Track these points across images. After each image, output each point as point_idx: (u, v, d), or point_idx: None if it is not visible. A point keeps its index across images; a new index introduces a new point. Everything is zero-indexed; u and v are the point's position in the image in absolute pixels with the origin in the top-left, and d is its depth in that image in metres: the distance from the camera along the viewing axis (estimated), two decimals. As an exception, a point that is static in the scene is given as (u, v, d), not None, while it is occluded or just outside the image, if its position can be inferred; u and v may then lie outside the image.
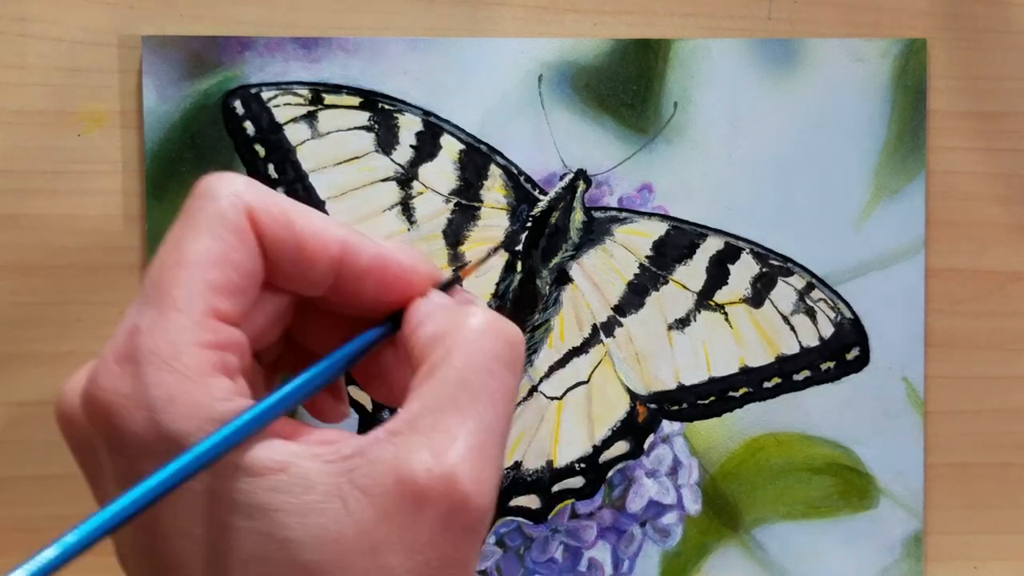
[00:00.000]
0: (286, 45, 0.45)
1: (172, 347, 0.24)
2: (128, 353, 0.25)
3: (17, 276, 0.45)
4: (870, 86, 0.46)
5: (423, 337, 0.27)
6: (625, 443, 0.47)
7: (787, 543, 0.47)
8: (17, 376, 0.45)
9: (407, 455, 0.24)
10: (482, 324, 0.27)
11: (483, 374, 0.26)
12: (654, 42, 0.46)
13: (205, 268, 0.25)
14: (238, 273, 0.26)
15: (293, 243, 0.27)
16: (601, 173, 0.46)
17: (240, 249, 0.26)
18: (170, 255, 0.26)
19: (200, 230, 0.26)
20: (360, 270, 0.27)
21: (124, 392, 0.24)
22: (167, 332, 0.24)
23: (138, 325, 0.25)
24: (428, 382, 0.26)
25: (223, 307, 0.25)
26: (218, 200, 0.26)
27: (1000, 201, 0.47)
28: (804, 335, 0.47)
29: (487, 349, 0.26)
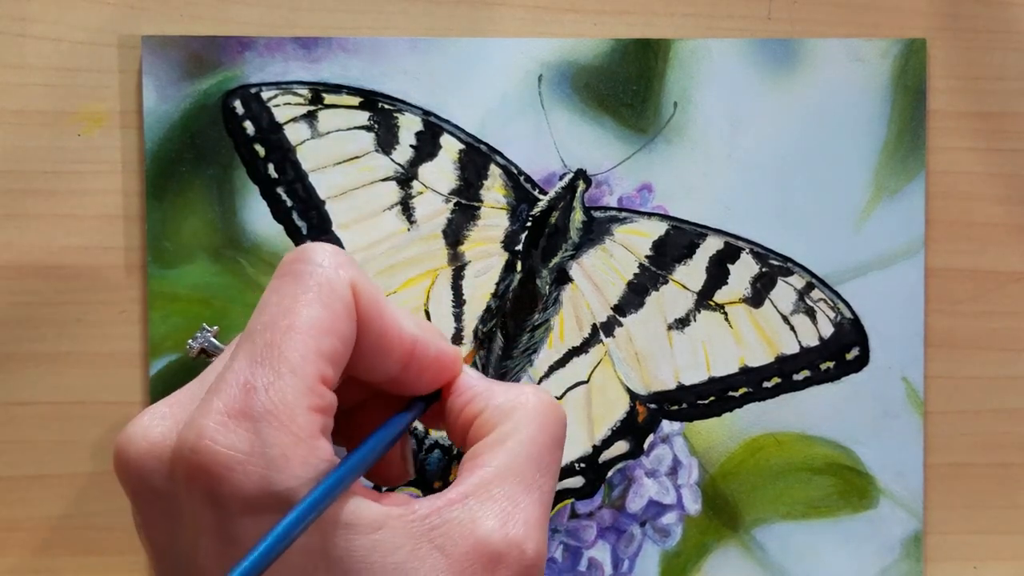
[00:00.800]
0: (286, 45, 0.45)
1: (289, 409, 0.25)
2: (244, 410, 0.25)
3: (17, 276, 0.45)
4: (870, 86, 0.46)
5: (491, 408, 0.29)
6: (625, 443, 0.47)
7: (787, 543, 0.47)
8: (17, 376, 0.45)
9: (483, 519, 0.27)
10: (544, 404, 0.30)
11: (546, 450, 0.29)
12: (654, 42, 0.46)
13: (318, 336, 0.26)
14: (342, 343, 0.27)
15: (379, 329, 0.28)
16: (601, 173, 0.46)
17: (345, 320, 0.27)
18: (283, 319, 0.27)
19: (311, 297, 0.27)
20: (424, 365, 0.30)
21: (241, 449, 0.25)
22: (284, 394, 0.25)
23: (253, 383, 0.26)
24: (497, 451, 0.28)
25: (328, 373, 0.27)
26: (326, 269, 0.27)
27: (1000, 201, 0.47)
28: (804, 335, 0.47)
29: (550, 429, 0.29)
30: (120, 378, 0.46)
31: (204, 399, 0.26)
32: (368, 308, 0.28)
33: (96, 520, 0.46)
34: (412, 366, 0.29)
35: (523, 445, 0.28)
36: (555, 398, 0.30)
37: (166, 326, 0.45)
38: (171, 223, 0.45)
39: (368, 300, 0.28)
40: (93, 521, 0.46)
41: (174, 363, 0.45)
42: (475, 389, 0.30)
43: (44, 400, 0.46)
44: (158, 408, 0.27)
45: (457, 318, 0.46)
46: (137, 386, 0.46)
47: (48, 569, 0.46)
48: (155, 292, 0.45)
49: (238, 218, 0.45)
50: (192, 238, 0.45)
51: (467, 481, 0.28)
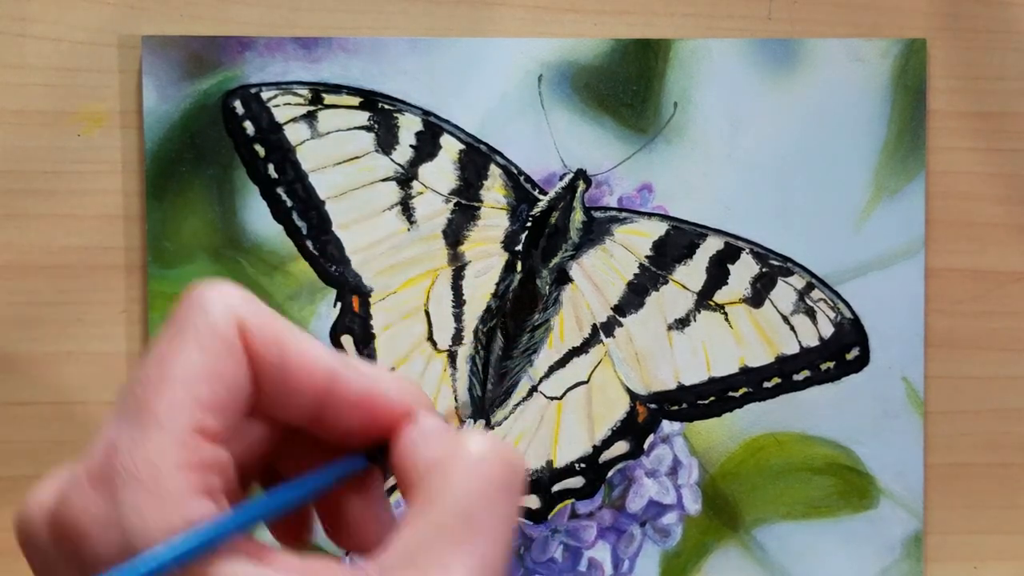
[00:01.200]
0: (286, 45, 0.45)
1: (152, 468, 0.23)
2: (103, 474, 0.23)
3: (17, 276, 0.45)
4: (870, 86, 0.46)
5: (419, 462, 0.25)
6: (625, 443, 0.47)
7: (787, 543, 0.47)
8: (17, 376, 0.45)
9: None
10: (482, 449, 0.25)
11: (484, 503, 0.24)
12: (654, 42, 0.46)
13: (191, 383, 0.24)
14: (226, 389, 0.24)
15: (280, 368, 0.25)
16: (601, 173, 0.46)
17: (230, 364, 0.24)
18: (154, 368, 0.24)
19: (188, 343, 0.24)
20: (347, 403, 0.26)
21: (96, 514, 0.23)
22: (147, 451, 0.23)
23: (116, 443, 0.23)
24: (425, 512, 0.24)
25: (209, 424, 0.24)
26: (210, 313, 0.25)
27: (1000, 201, 0.47)
28: (804, 335, 0.47)
29: (488, 476, 0.25)
30: (120, 378, 0.46)
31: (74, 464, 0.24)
32: (264, 344, 0.25)
33: (96, 520, 0.46)
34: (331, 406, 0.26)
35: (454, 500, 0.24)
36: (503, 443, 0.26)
37: (166, 326, 0.45)
38: (171, 223, 0.45)
39: (264, 337, 0.25)
40: (93, 521, 0.46)
41: (174, 363, 0.45)
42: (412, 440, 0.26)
43: (44, 400, 0.46)
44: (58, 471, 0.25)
45: (457, 318, 0.46)
46: (137, 386, 0.46)
47: (48, 569, 0.46)
48: (155, 292, 0.45)
49: (238, 218, 0.45)
50: (192, 238, 0.45)
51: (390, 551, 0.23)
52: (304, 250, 0.46)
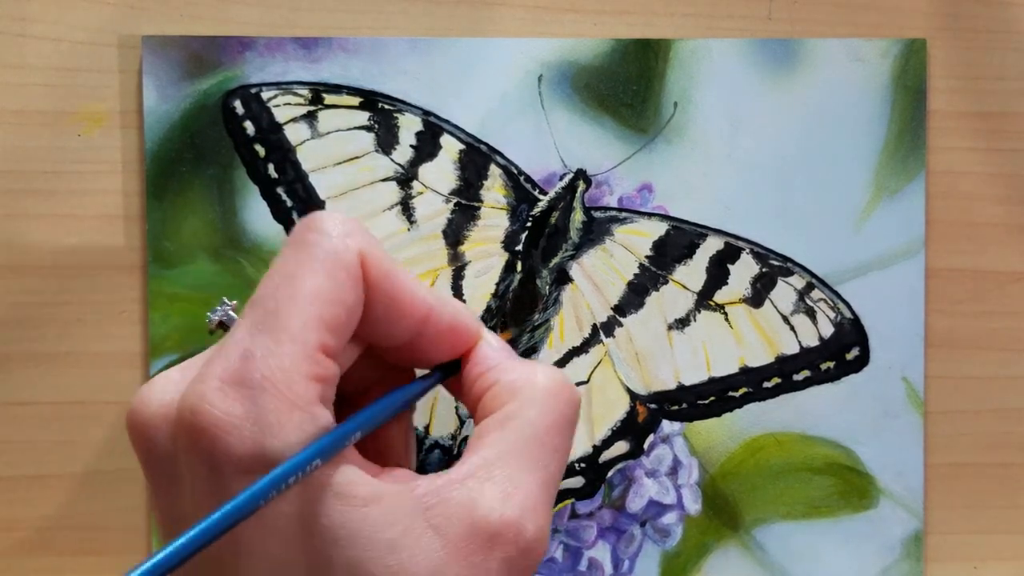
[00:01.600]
0: (286, 45, 0.45)
1: (286, 376, 0.25)
2: (241, 377, 0.25)
3: (17, 276, 0.45)
4: (870, 86, 0.46)
5: (499, 386, 0.29)
6: (625, 443, 0.47)
7: (787, 543, 0.47)
8: (17, 376, 0.45)
9: (481, 499, 0.26)
10: (555, 384, 0.29)
11: (553, 432, 0.28)
12: (654, 42, 0.46)
13: (319, 304, 0.26)
14: (346, 312, 0.27)
15: (390, 295, 0.28)
16: (601, 173, 0.46)
17: (350, 290, 0.27)
18: (286, 286, 0.26)
19: (315, 266, 0.27)
20: (439, 332, 0.29)
21: (236, 414, 0.25)
22: (282, 361, 0.25)
23: (252, 351, 0.26)
24: (502, 431, 0.28)
25: (330, 342, 0.26)
26: (333, 238, 0.27)
27: (1000, 201, 0.47)
28: (804, 335, 0.47)
29: (559, 410, 0.28)
30: (120, 378, 0.46)
31: (205, 365, 0.26)
32: (378, 276, 0.28)
33: (96, 520, 0.46)
34: (426, 333, 0.29)
35: (528, 426, 0.28)
36: (568, 379, 0.30)
37: (166, 326, 0.45)
38: (171, 223, 0.45)
39: (378, 268, 0.28)
40: (93, 521, 0.46)
41: (174, 363, 0.45)
42: (489, 362, 0.30)
43: (44, 400, 0.46)
44: (171, 373, 0.28)
45: (457, 318, 0.46)
46: (137, 386, 0.46)
47: (48, 569, 0.46)
48: (155, 292, 0.45)
49: (238, 218, 0.45)
50: (192, 238, 0.45)
51: (468, 461, 0.27)
52: (304, 250, 0.46)
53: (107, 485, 0.46)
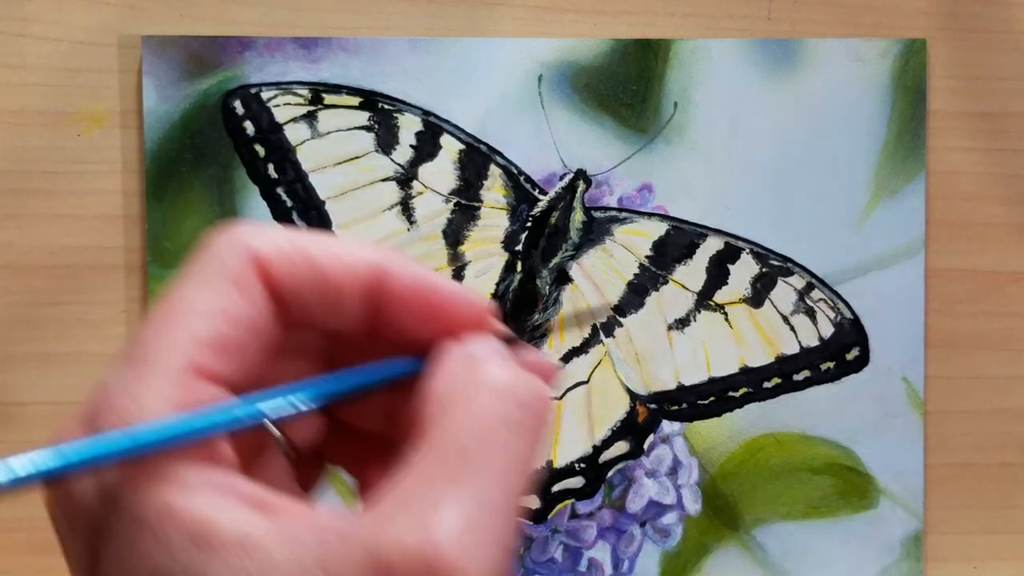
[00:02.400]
0: (286, 45, 0.45)
1: (137, 406, 0.22)
2: (90, 415, 0.22)
3: (17, 276, 0.45)
4: (870, 86, 0.46)
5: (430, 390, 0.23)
6: (625, 443, 0.47)
7: (787, 543, 0.47)
8: (17, 376, 0.45)
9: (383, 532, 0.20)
10: (496, 380, 0.23)
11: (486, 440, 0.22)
12: (654, 42, 0.46)
13: (191, 321, 0.22)
14: (232, 327, 0.23)
15: (314, 277, 0.23)
16: (601, 173, 0.46)
17: (238, 301, 0.23)
18: (157, 311, 0.23)
19: (193, 283, 0.23)
20: (396, 296, 0.24)
21: None
22: (135, 390, 0.22)
23: (107, 385, 0.22)
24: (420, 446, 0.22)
25: (208, 363, 0.22)
26: (218, 251, 0.23)
27: (1000, 201, 0.47)
28: (804, 335, 0.47)
29: (494, 411, 0.22)
30: (120, 378, 0.46)
31: None
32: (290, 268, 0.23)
33: (96, 520, 0.46)
34: (384, 303, 0.24)
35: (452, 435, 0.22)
36: (529, 377, 0.23)
37: (166, 326, 0.45)
38: (171, 223, 0.45)
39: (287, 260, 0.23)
40: (93, 521, 0.46)
41: (174, 363, 0.45)
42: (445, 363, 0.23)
43: (44, 400, 0.46)
44: None
45: (457, 318, 0.46)
46: (137, 386, 0.46)
47: (48, 569, 0.46)
48: (155, 292, 0.45)
49: (238, 218, 0.45)
50: (192, 238, 0.45)
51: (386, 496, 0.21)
52: (304, 250, 0.46)
53: (107, 485, 0.46)
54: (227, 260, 0.23)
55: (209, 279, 0.23)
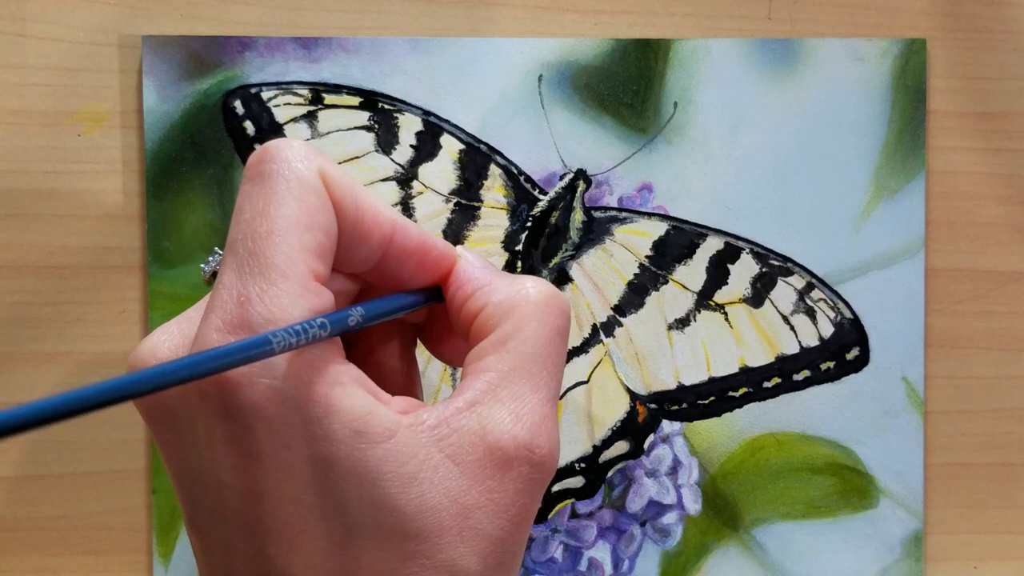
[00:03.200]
0: (286, 45, 0.45)
1: (285, 313, 0.25)
2: (242, 322, 0.25)
3: (17, 276, 0.45)
4: (870, 86, 0.46)
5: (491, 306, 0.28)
6: (625, 443, 0.47)
7: (787, 543, 0.47)
8: (17, 376, 0.45)
9: (492, 425, 0.26)
10: (544, 297, 0.29)
11: (549, 346, 0.28)
12: (654, 42, 0.46)
13: (298, 233, 0.26)
14: (325, 234, 0.26)
15: (355, 214, 0.27)
16: (601, 173, 0.46)
17: (323, 213, 0.26)
18: (261, 223, 0.26)
19: (283, 195, 0.26)
20: (406, 251, 0.28)
21: None
22: (279, 299, 0.25)
23: (247, 294, 0.25)
24: (501, 353, 0.28)
25: (319, 269, 0.26)
26: (292, 163, 0.26)
27: (1000, 201, 0.47)
28: (804, 335, 0.47)
29: (551, 323, 0.28)
30: (120, 378, 0.45)
31: (204, 315, 0.26)
32: (342, 195, 0.27)
33: (96, 520, 0.46)
34: (393, 252, 0.28)
35: (526, 344, 0.28)
36: (556, 290, 0.29)
37: (166, 326, 0.45)
38: (171, 223, 0.45)
39: (341, 188, 0.27)
40: (93, 521, 0.46)
41: (174, 363, 0.45)
42: (476, 283, 0.29)
43: (44, 400, 0.46)
44: (168, 326, 0.28)
45: (457, 318, 0.46)
46: (137, 386, 0.46)
47: (48, 569, 0.46)
48: (155, 292, 0.45)
49: (238, 218, 0.45)
50: (192, 238, 0.45)
51: (473, 387, 0.27)
52: (304, 250, 0.46)
53: (107, 485, 0.46)
54: (307, 176, 0.26)
55: (296, 192, 0.26)
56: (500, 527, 0.26)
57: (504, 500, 0.26)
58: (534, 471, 0.27)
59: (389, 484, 0.25)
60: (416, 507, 0.25)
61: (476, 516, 0.26)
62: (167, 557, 0.45)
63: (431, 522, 0.25)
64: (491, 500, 0.26)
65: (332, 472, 0.25)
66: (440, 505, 0.25)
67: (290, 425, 0.25)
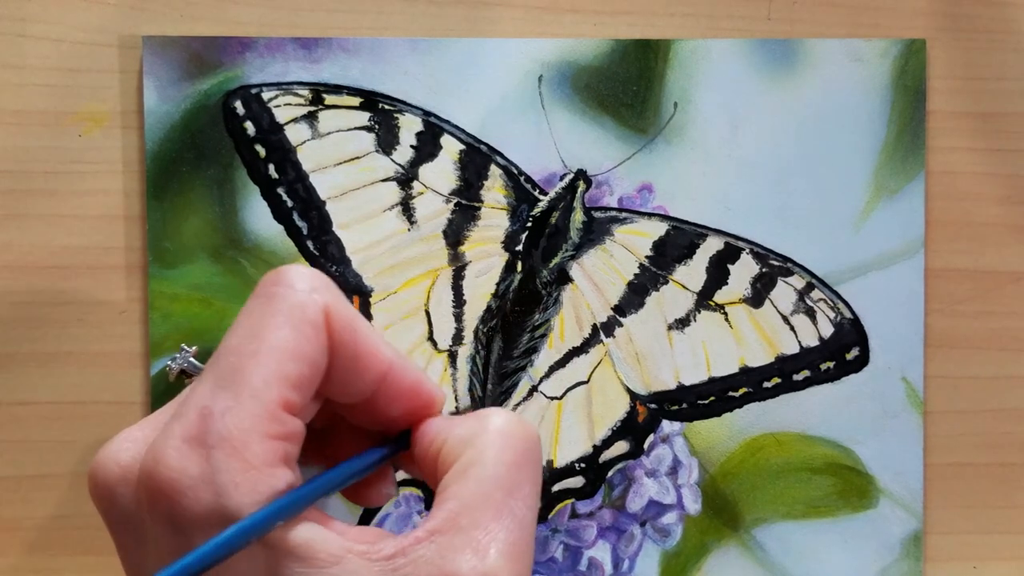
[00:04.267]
0: (286, 45, 0.45)
1: (243, 435, 0.25)
2: (199, 436, 0.25)
3: (17, 276, 0.45)
4: (870, 86, 0.46)
5: (452, 439, 0.28)
6: (625, 443, 0.47)
7: (787, 543, 0.47)
8: (17, 376, 0.45)
9: (451, 555, 0.25)
10: (506, 424, 0.28)
11: (513, 471, 0.27)
12: (654, 42, 0.46)
13: (284, 360, 0.26)
14: (310, 368, 0.26)
15: (352, 351, 0.27)
16: (601, 173, 0.46)
17: (314, 345, 0.26)
18: (250, 342, 0.26)
19: (280, 320, 0.26)
20: (398, 391, 0.29)
21: (192, 474, 0.25)
22: (240, 420, 0.25)
23: (211, 409, 0.25)
24: (462, 481, 0.27)
25: (293, 399, 0.26)
26: (299, 292, 0.27)
27: (1000, 201, 0.48)
28: (804, 335, 0.47)
29: (514, 446, 0.28)
30: (120, 378, 0.46)
31: (167, 423, 0.26)
32: (342, 330, 0.27)
33: (96, 520, 0.46)
34: (385, 390, 0.29)
35: (486, 469, 0.27)
36: (522, 418, 0.29)
37: (166, 326, 0.45)
38: (171, 223, 0.45)
39: (342, 322, 0.27)
40: (93, 521, 0.46)
41: (174, 363, 0.45)
42: (437, 425, 0.29)
43: (44, 400, 0.46)
44: (131, 432, 0.28)
45: (457, 318, 0.46)
46: (137, 386, 0.46)
47: (48, 569, 0.46)
48: (155, 292, 0.45)
49: (238, 218, 0.45)
50: (192, 238, 0.45)
51: (435, 517, 0.26)
52: (305, 250, 0.46)
53: (107, 485, 0.46)
54: (308, 307, 0.27)
55: (294, 321, 0.26)
56: None
57: None
58: None
59: None
60: None
61: None
62: (167, 557, 0.45)
63: None
64: None
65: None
66: None
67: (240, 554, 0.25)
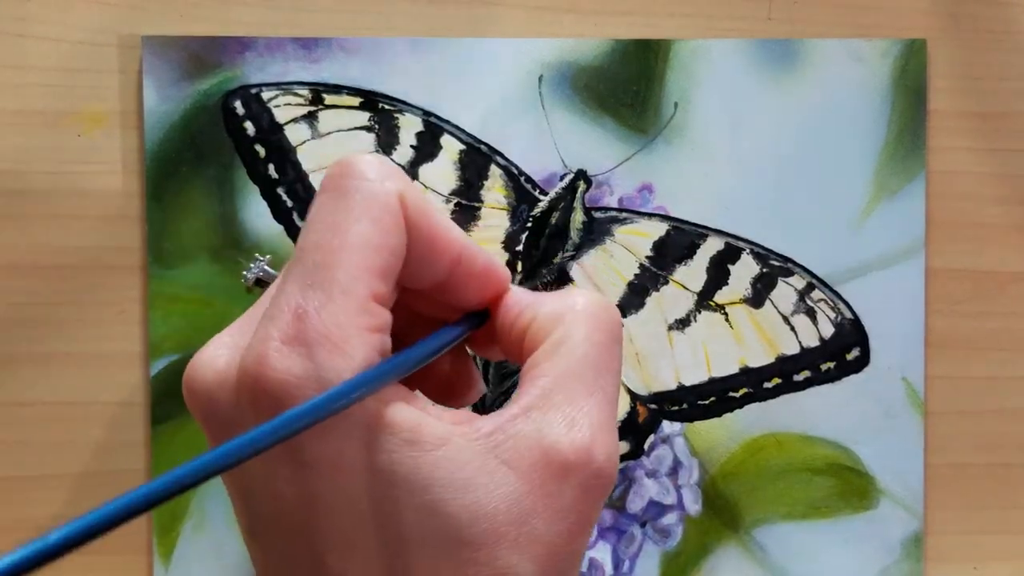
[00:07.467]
0: (286, 45, 0.45)
1: (341, 331, 0.25)
2: (298, 335, 0.25)
3: (17, 276, 0.45)
4: (870, 86, 0.46)
5: (542, 316, 0.29)
6: (625, 443, 0.47)
7: (787, 543, 0.47)
8: (17, 376, 0.45)
9: (548, 429, 0.26)
10: (594, 303, 0.29)
11: (601, 351, 0.28)
12: (654, 42, 0.46)
13: (367, 252, 0.26)
14: (394, 257, 0.27)
15: (427, 236, 0.28)
16: (601, 173, 0.46)
17: (395, 234, 0.27)
18: (333, 237, 0.26)
19: (358, 213, 0.26)
20: (471, 274, 0.29)
21: (297, 373, 0.25)
22: (336, 316, 0.25)
23: (305, 307, 0.25)
24: (554, 358, 0.28)
25: (381, 290, 0.26)
26: (372, 182, 0.27)
27: (1000, 201, 0.48)
28: (804, 335, 0.47)
29: (603, 328, 0.28)
30: (120, 378, 0.46)
31: (260, 325, 0.26)
32: (417, 216, 0.27)
33: (96, 520, 0.46)
34: (459, 272, 0.29)
35: (578, 348, 0.28)
36: (606, 299, 0.30)
37: (166, 326, 0.45)
38: (171, 223, 0.45)
39: (416, 208, 0.27)
40: (93, 521, 0.46)
41: (174, 363, 0.45)
42: (523, 302, 0.29)
43: (44, 400, 0.46)
44: (222, 337, 0.28)
45: (457, 318, 0.46)
46: (137, 386, 0.46)
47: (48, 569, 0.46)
48: (155, 292, 0.45)
49: (238, 218, 0.45)
50: (192, 238, 0.45)
51: (528, 393, 0.27)
52: (304, 250, 0.46)
53: (107, 485, 0.46)
54: (382, 195, 0.27)
55: (372, 212, 0.26)
56: (558, 534, 0.26)
57: (562, 506, 0.26)
58: (593, 478, 0.26)
59: (443, 490, 0.25)
60: (471, 513, 0.25)
61: (533, 522, 0.26)
62: (167, 557, 0.45)
63: (487, 528, 0.25)
64: (548, 506, 0.26)
65: (385, 480, 0.25)
66: (496, 511, 0.26)
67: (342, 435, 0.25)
